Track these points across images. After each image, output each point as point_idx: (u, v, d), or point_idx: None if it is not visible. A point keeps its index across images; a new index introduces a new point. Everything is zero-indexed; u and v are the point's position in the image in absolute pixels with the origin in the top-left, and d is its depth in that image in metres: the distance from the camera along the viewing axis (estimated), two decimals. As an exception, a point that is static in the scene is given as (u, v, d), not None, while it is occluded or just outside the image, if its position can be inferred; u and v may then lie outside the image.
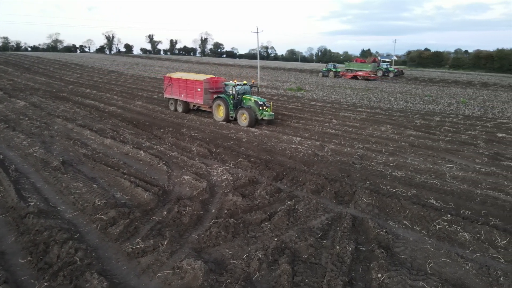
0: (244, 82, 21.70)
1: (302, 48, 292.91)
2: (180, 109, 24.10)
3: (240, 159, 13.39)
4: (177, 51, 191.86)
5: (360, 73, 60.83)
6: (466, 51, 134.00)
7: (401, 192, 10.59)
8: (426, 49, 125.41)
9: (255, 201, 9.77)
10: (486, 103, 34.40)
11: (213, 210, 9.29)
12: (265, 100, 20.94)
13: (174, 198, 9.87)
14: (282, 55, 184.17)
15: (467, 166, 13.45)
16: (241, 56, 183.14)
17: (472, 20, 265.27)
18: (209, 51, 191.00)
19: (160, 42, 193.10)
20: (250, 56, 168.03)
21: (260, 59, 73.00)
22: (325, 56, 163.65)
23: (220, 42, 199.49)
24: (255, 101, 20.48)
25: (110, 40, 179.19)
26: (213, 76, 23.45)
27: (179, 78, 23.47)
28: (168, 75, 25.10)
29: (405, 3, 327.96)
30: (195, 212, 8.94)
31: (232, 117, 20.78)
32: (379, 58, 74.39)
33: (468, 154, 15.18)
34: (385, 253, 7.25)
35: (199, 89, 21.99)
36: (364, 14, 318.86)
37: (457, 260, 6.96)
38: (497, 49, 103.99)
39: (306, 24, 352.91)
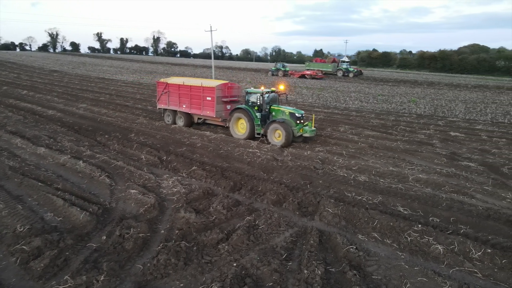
0: (272, 89, 17.59)
1: (257, 48, 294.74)
2: (180, 122, 19.54)
3: (193, 168, 12.20)
4: (128, 50, 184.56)
5: (307, 72, 61.75)
6: (410, 52, 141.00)
7: (367, 199, 9.97)
8: (374, 50, 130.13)
9: (210, 217, 8.67)
10: (434, 102, 35.65)
11: (162, 231, 8.07)
12: (303, 112, 16.87)
13: (116, 217, 8.53)
14: (237, 54, 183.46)
15: (427, 168, 13.22)
16: (196, 56, 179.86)
17: (415, 23, 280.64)
18: (162, 51, 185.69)
19: (109, 40, 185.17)
20: (205, 55, 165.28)
21: (215, 58, 71.57)
22: (279, 56, 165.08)
23: (173, 41, 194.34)
24: (290, 113, 16.32)
25: (54, 37, 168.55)
26: (226, 81, 19.38)
27: (179, 84, 19.00)
28: (163, 80, 20.42)
29: (354, 5, 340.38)
30: (141, 234, 7.68)
31: (259, 134, 16.69)
32: (338, 58, 75.83)
33: (426, 154, 15.06)
34: (358, 274, 6.47)
35: (209, 98, 17.82)
36: (316, 15, 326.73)
37: (434, 278, 6.33)
38: (439, 50, 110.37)
39: (260, 24, 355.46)
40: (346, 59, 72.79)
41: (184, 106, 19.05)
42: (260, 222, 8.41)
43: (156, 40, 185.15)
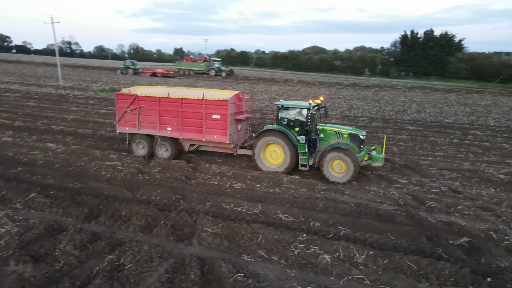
0: (317, 101, 12.81)
1: (112, 45, 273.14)
2: (163, 152, 13.88)
3: (32, 195, 9.51)
4: None
5: (159, 71, 60.41)
6: (264, 52, 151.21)
7: (247, 210, 9.25)
8: (232, 49, 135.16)
9: (56, 264, 6.59)
10: (292, 99, 38.19)
11: (-20, 300, 5.70)
12: (364, 132, 12.98)
13: None
14: (90, 52, 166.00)
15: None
16: (38, 52, 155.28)
17: (267, 25, 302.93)
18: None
19: None
20: (49, 52, 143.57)
21: (63, 55, 62.86)
22: (138, 54, 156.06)
23: (5, 34, 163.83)
24: (351, 134, 12.41)
25: None
26: (236, 91, 14.06)
27: (159, 97, 13.35)
28: (126, 90, 14.23)
29: (212, 6, 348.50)
30: None
31: (304, 165, 12.30)
32: (209, 57, 75.33)
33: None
34: (250, 309, 5.56)
35: (216, 117, 12.78)
36: (175, 13, 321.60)
37: (329, 296, 5.88)
38: (289, 50, 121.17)
39: (115, 20, 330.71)
40: (218, 59, 73.30)
41: (169, 128, 13.57)
42: (126, 260, 6.75)
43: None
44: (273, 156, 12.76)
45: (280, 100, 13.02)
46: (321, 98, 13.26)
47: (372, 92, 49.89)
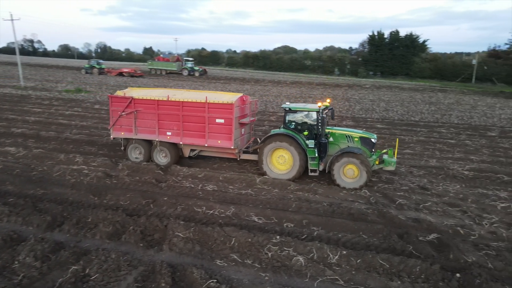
0: (325, 103, 12.25)
1: (78, 44, 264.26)
2: (162, 159, 13.17)
3: (-11, 203, 8.93)
4: None
5: (125, 70, 59.21)
6: (235, 51, 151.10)
7: (219, 213, 9.07)
8: (203, 49, 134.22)
9: (14, 278, 6.18)
10: (263, 98, 38.22)
11: None
12: (375, 135, 12.55)
13: None
14: (54, 50, 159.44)
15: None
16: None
17: (238, 25, 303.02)
18: None
19: None
20: (10, 50, 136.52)
21: (25, 54, 59.86)
22: (105, 53, 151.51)
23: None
24: (362, 138, 11.90)
25: None
26: (240, 93, 13.10)
27: (158, 100, 12.58)
28: (121, 93, 13.36)
29: (183, 5, 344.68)
30: None
31: (314, 170, 11.72)
32: (181, 57, 74.08)
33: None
34: (224, 317, 5.40)
35: (220, 121, 12.13)
36: (144, 12, 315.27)
37: (303, 298, 5.82)
38: (260, 50, 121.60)
39: (80, 18, 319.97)
40: (190, 58, 72.30)
41: (169, 133, 12.81)
42: (92, 270, 6.42)
43: None
44: (280, 161, 12.11)
45: (287, 103, 12.50)
46: (328, 101, 12.77)
47: (342, 91, 50.75)
